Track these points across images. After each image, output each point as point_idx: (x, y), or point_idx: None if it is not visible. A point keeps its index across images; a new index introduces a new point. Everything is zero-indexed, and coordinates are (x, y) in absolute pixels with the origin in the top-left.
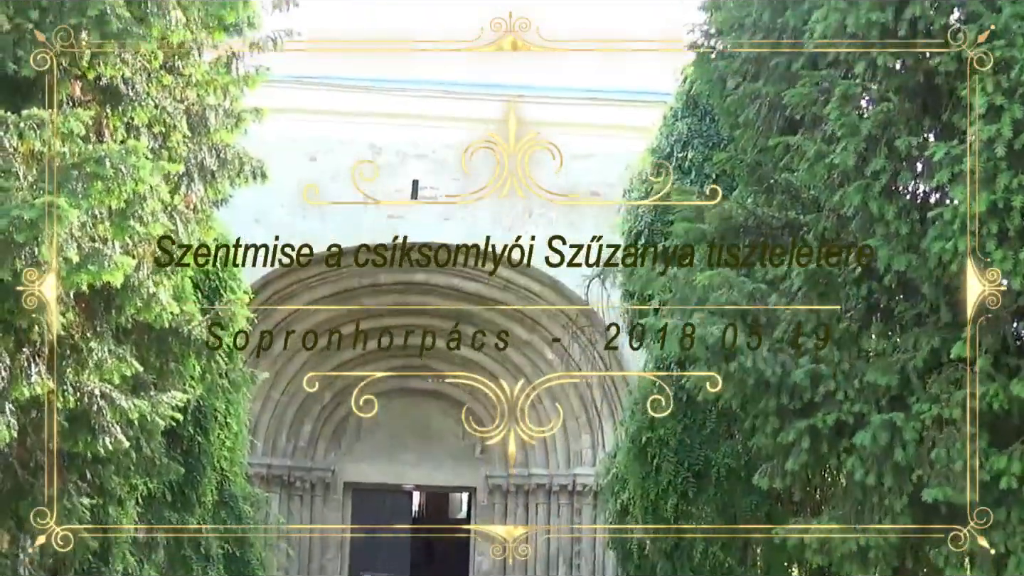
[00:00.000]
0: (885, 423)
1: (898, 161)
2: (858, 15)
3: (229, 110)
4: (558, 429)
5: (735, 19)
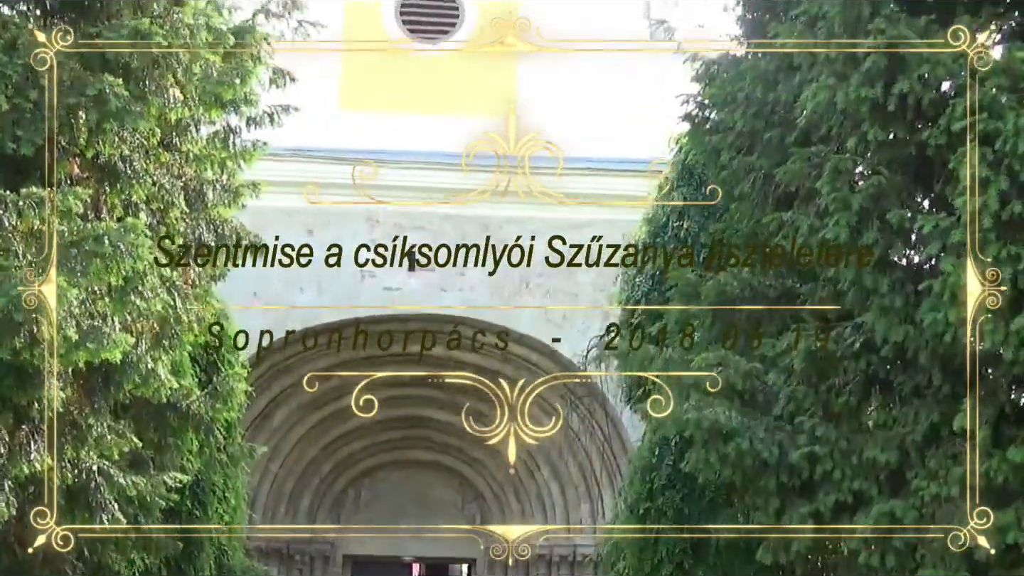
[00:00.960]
0: (883, 513)
1: (891, 234)
2: (848, 91)
3: (227, 185)
4: (558, 498)
5: (728, 93)
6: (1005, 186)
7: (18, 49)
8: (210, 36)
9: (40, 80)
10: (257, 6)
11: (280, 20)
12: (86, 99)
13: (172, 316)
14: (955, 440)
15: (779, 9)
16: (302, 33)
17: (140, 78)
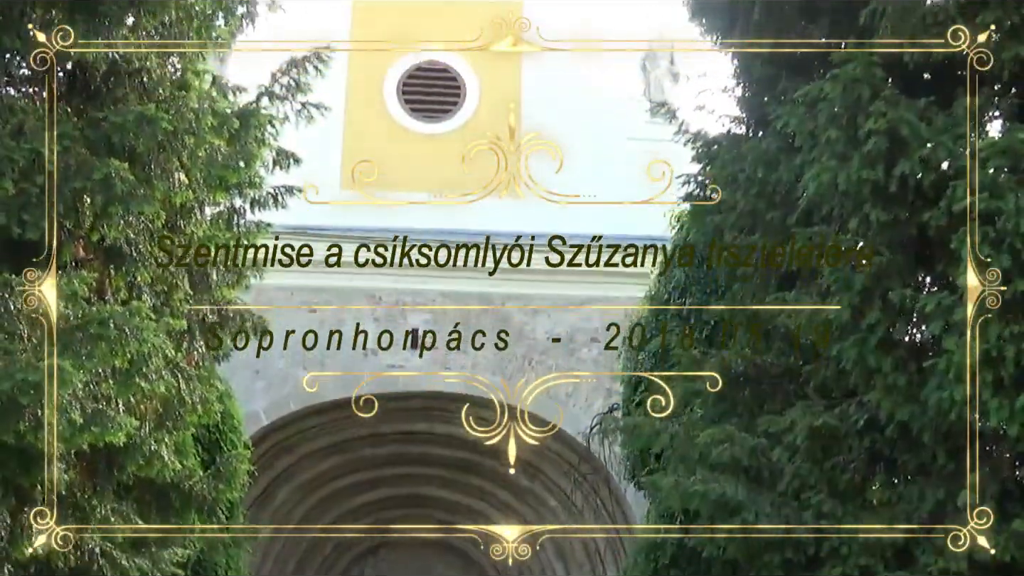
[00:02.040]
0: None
1: (893, 313)
2: (849, 173)
3: (230, 267)
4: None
5: (729, 174)
6: (1007, 265)
7: (24, 134)
8: (215, 120)
9: (46, 165)
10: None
11: (284, 103)
12: (92, 183)
13: (176, 398)
14: (960, 516)
15: (779, 90)
16: (305, 115)
17: (146, 162)
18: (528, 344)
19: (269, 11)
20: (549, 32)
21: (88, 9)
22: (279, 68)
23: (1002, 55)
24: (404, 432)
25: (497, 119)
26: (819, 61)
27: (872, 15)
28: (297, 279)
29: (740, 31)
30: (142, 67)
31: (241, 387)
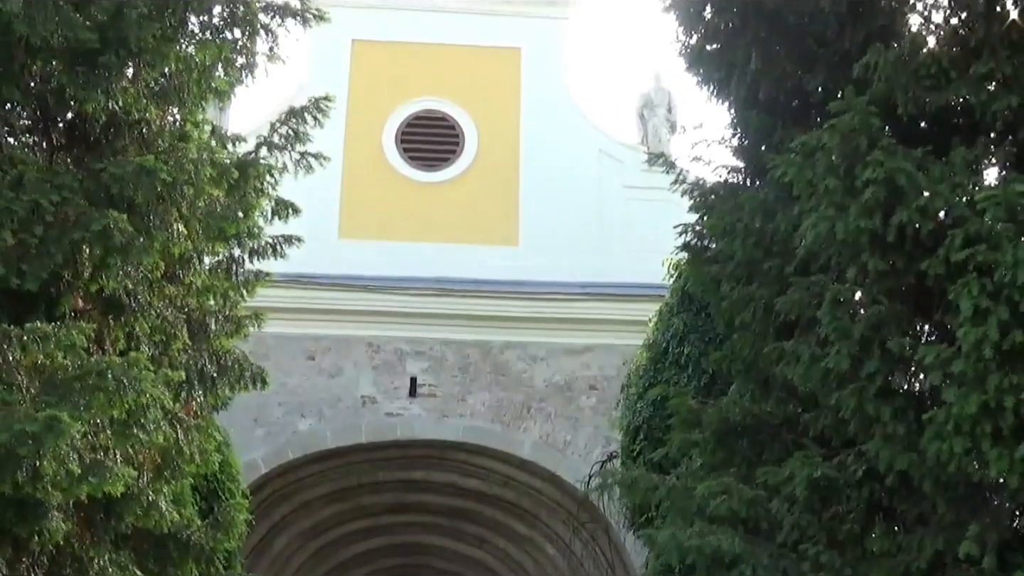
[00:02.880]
0: None
1: (892, 363)
2: (847, 222)
3: (229, 316)
4: None
5: (726, 224)
6: (1005, 316)
7: (24, 185)
8: (214, 171)
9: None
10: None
11: (283, 152)
12: (91, 234)
13: (174, 448)
14: (960, 566)
15: (776, 139)
16: (304, 166)
17: (145, 213)
18: (527, 391)
19: (268, 61)
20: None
21: (88, 61)
22: (278, 118)
23: (995, 105)
24: (403, 480)
25: (496, 167)
26: (816, 110)
27: (867, 67)
28: (296, 327)
29: (737, 81)
30: (141, 118)
31: (240, 435)
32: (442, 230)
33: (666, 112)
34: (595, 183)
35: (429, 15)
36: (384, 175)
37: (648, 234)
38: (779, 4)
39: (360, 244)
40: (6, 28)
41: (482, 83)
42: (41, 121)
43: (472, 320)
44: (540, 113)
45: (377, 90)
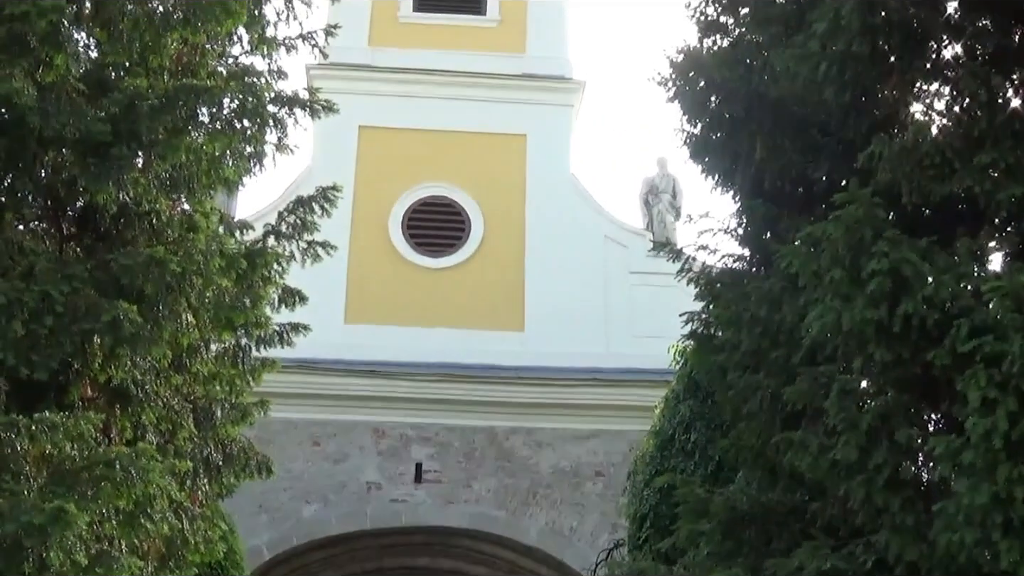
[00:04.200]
0: None
1: (900, 453)
2: (853, 313)
3: (235, 404)
4: None
5: (733, 313)
6: (1014, 407)
7: (35, 276)
8: (223, 261)
9: (56, 307)
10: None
11: (290, 241)
12: (100, 325)
13: (180, 538)
14: None
15: (781, 229)
16: (311, 255)
17: (154, 303)
18: (533, 477)
19: (277, 151)
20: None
21: (99, 153)
22: (286, 207)
23: (999, 195)
24: (408, 567)
25: (502, 253)
26: (821, 200)
27: (872, 156)
28: (301, 412)
29: (742, 172)
30: (152, 209)
31: (244, 520)
32: (448, 316)
33: (670, 198)
34: (600, 268)
35: (435, 102)
36: (390, 261)
37: (654, 319)
38: (783, 95)
39: (366, 329)
40: (20, 121)
41: (488, 169)
42: (52, 211)
43: (478, 406)
44: (545, 199)
45: (384, 176)
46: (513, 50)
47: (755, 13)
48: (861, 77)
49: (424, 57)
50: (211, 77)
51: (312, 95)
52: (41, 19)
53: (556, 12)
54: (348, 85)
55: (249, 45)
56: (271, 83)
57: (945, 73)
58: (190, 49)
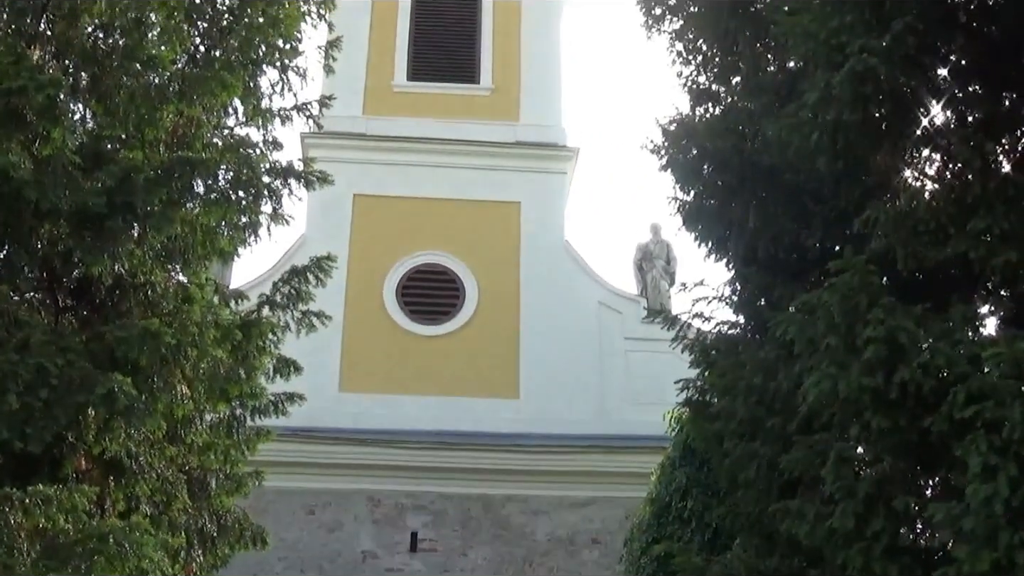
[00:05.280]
0: None
1: (898, 520)
2: (849, 380)
3: (230, 474)
4: None
5: (728, 381)
6: (1014, 473)
7: (30, 348)
8: (218, 332)
9: (51, 380)
10: (263, 296)
11: (285, 311)
12: (95, 398)
13: None
14: None
15: (776, 296)
16: (306, 324)
17: (149, 375)
18: (529, 546)
19: (272, 222)
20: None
21: (95, 225)
22: (281, 277)
23: (993, 260)
24: None
25: (496, 320)
26: (814, 267)
27: (866, 222)
28: (296, 481)
29: (735, 239)
30: (147, 281)
31: None
32: (443, 383)
33: (664, 263)
34: (595, 335)
35: (430, 170)
36: (385, 328)
37: (649, 385)
38: (775, 163)
39: (361, 398)
40: (16, 193)
41: (482, 237)
42: (48, 282)
43: (473, 474)
44: (540, 266)
45: (378, 243)
46: (507, 118)
47: (747, 82)
48: (853, 145)
49: (418, 125)
50: (206, 149)
51: (307, 165)
52: (39, 93)
53: (549, 80)
54: (343, 153)
55: (244, 116)
56: (266, 154)
57: (937, 139)
58: (186, 121)
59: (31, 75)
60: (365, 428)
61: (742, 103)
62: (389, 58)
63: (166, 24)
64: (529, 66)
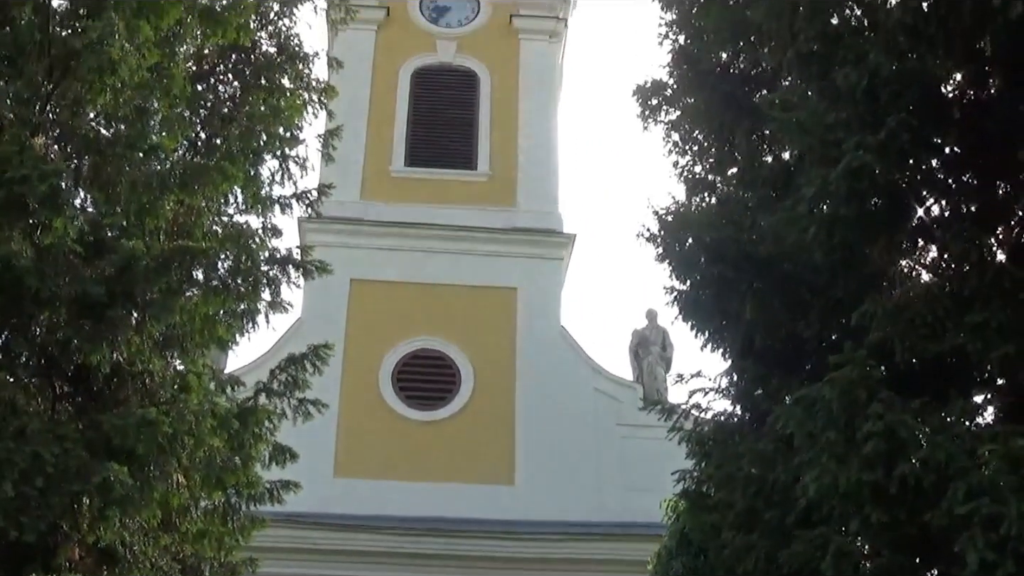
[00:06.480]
0: None
1: None
2: (849, 475)
3: (224, 562)
4: None
5: (726, 472)
6: (1012, 569)
7: (26, 436)
8: (215, 421)
9: (47, 468)
10: (259, 384)
11: (281, 399)
12: (91, 487)
13: None
14: None
15: (773, 387)
16: (303, 412)
17: (145, 464)
18: None
19: (271, 310)
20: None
21: (94, 314)
22: (278, 365)
23: (991, 353)
24: None
25: (492, 406)
26: (811, 358)
27: (864, 315)
28: (290, 567)
29: (732, 331)
30: (145, 369)
31: None
32: (438, 470)
33: (660, 350)
34: (591, 421)
35: (426, 255)
36: (380, 414)
37: (645, 472)
38: (771, 254)
39: (355, 484)
40: (17, 281)
41: (478, 323)
42: (45, 369)
43: (469, 561)
44: (536, 352)
45: (374, 328)
46: (503, 204)
47: (742, 173)
48: (849, 239)
49: (415, 211)
50: (206, 237)
51: (305, 254)
52: (42, 183)
53: (546, 166)
54: (340, 238)
55: (244, 204)
56: (265, 241)
57: (932, 231)
58: (186, 210)
59: (34, 164)
60: (360, 514)
61: (738, 193)
62: (387, 143)
63: (168, 112)
64: (526, 152)
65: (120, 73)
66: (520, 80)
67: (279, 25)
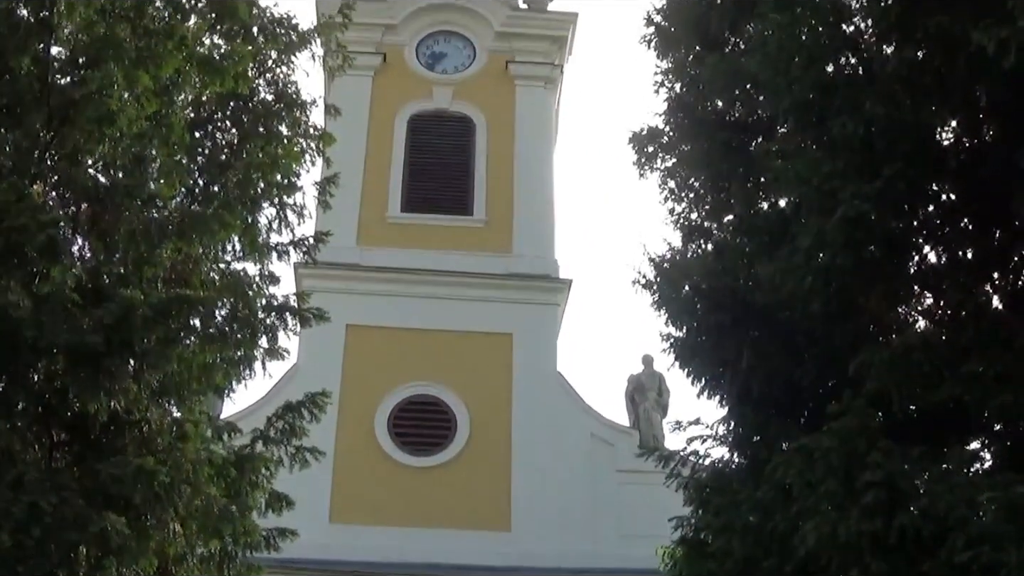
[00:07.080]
0: None
1: None
2: (849, 524)
3: None
4: None
5: (724, 520)
6: None
7: (23, 486)
8: (212, 469)
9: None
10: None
11: (278, 446)
12: (88, 536)
13: None
14: None
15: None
16: (299, 459)
17: (142, 513)
18: None
19: (268, 357)
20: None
21: (92, 363)
22: (275, 412)
23: (990, 403)
24: None
25: (488, 452)
26: (808, 405)
27: (862, 365)
28: None
29: (730, 378)
30: (142, 418)
31: None
32: (434, 516)
33: (656, 395)
34: (587, 467)
35: (422, 301)
36: (376, 460)
37: (641, 518)
38: (768, 302)
39: (351, 529)
40: (14, 331)
41: (474, 368)
42: (43, 417)
43: None
44: (532, 397)
45: (370, 374)
46: (499, 250)
47: (740, 223)
48: (846, 288)
49: (411, 257)
50: (204, 286)
51: (302, 300)
52: (40, 233)
53: (542, 212)
54: (336, 283)
55: (242, 251)
56: (262, 288)
57: (928, 279)
58: (184, 258)
59: (32, 214)
60: (355, 560)
61: (734, 241)
62: (383, 189)
63: (166, 160)
64: (522, 198)
65: (119, 123)
66: (516, 126)
67: (277, 73)
